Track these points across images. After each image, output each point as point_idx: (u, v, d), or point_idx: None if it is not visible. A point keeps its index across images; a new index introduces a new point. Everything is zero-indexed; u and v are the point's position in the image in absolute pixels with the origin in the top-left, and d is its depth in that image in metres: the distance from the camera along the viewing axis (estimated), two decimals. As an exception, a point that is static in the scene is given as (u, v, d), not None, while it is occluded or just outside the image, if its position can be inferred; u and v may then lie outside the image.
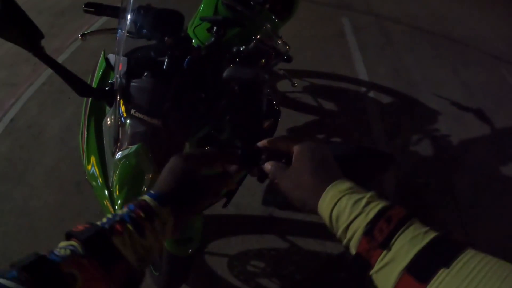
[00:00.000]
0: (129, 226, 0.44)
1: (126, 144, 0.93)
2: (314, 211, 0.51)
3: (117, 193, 0.90)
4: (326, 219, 0.48)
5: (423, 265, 0.36)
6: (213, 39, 1.12)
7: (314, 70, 3.26)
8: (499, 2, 5.17)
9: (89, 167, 1.01)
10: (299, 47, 3.49)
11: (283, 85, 3.02)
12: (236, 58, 1.12)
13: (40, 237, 1.96)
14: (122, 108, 0.94)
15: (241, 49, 1.11)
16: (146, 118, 0.90)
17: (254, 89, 0.72)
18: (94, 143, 1.03)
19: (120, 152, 0.93)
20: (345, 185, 0.48)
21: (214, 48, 1.09)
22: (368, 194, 0.45)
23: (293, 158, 0.54)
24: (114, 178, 0.92)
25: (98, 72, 1.17)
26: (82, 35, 1.19)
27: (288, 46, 1.38)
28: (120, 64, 0.95)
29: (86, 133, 1.05)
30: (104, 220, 0.45)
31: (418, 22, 4.40)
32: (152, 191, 0.50)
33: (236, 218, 2.05)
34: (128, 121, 0.94)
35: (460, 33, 4.25)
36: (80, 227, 0.43)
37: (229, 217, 2.05)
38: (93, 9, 1.16)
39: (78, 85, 0.91)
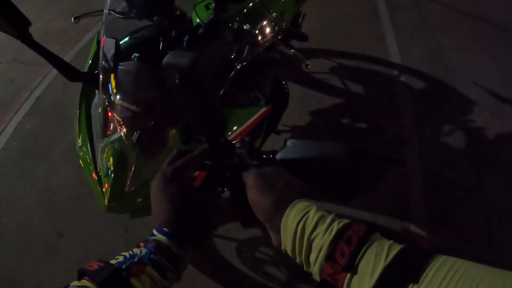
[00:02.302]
0: (150, 268, 0.43)
1: (111, 129, 0.90)
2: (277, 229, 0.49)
3: (104, 175, 0.89)
4: (289, 236, 0.45)
5: (390, 284, 0.34)
6: (211, 16, 1.05)
7: (343, 50, 3.08)
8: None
9: (81, 154, 0.99)
10: (328, 25, 3.34)
11: (311, 66, 2.89)
12: (238, 36, 1.04)
13: (59, 211, 2.02)
14: (111, 91, 0.90)
15: (244, 27, 1.03)
16: (125, 104, 0.86)
17: (194, 77, 0.64)
18: (84, 128, 1.01)
19: (105, 138, 0.91)
20: (306, 203, 0.47)
21: (212, 26, 1.02)
22: (332, 215, 0.44)
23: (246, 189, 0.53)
24: (101, 162, 0.90)
25: (91, 55, 1.14)
26: (75, 18, 1.18)
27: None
28: (107, 46, 0.91)
29: (78, 117, 1.04)
30: (120, 259, 0.44)
31: (458, 3, 4.03)
32: (166, 229, 0.49)
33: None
34: (113, 106, 0.90)
35: (504, 17, 3.84)
36: (94, 266, 0.42)
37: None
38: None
39: (66, 70, 0.90)
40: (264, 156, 0.63)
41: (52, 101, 2.72)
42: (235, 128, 0.94)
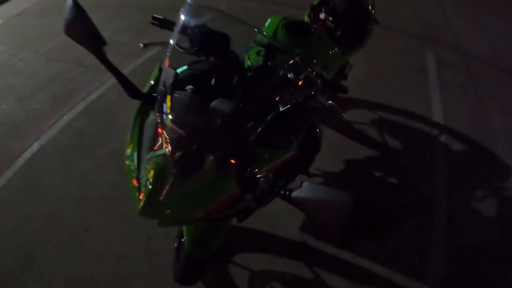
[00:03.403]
0: None
1: (158, 145, 1.02)
2: None
3: (144, 185, 0.99)
4: None
5: None
6: (261, 62, 1.18)
7: (386, 103, 3.12)
8: None
9: (128, 161, 1.11)
10: (376, 78, 3.40)
11: (351, 115, 2.95)
12: (280, 83, 1.14)
13: (90, 207, 2.16)
14: (168, 110, 1.01)
15: (288, 76, 1.12)
16: (175, 127, 0.97)
17: (232, 122, 0.77)
18: (135, 140, 1.13)
19: (152, 152, 1.02)
20: None
21: (260, 71, 1.13)
22: None
23: None
24: (143, 171, 1.01)
25: (152, 78, 1.28)
26: (144, 44, 1.33)
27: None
28: (167, 75, 1.03)
29: (132, 129, 1.17)
30: None
31: (508, 66, 3.97)
32: None
33: (270, 237, 2.03)
34: (164, 126, 1.01)
35: None
36: None
37: (263, 233, 2.04)
38: (158, 23, 1.31)
39: (130, 88, 1.06)
40: (282, 193, 0.72)
41: (105, 106, 2.94)
42: (263, 166, 1.01)
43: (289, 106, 1.08)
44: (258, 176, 0.77)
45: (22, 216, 2.14)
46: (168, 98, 1.02)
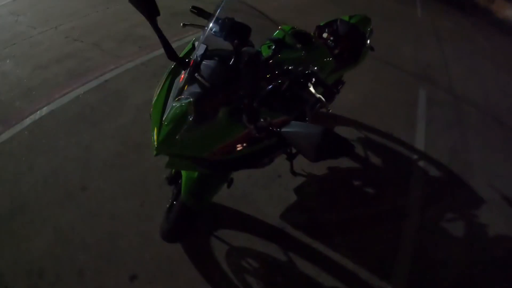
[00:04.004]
0: None
1: (184, 96, 1.25)
2: None
3: (165, 124, 1.22)
4: None
5: None
6: (270, 54, 1.52)
7: (374, 126, 3.36)
8: None
9: (154, 105, 1.36)
10: (368, 103, 3.67)
11: (339, 130, 3.17)
12: (284, 70, 1.47)
13: (90, 171, 2.31)
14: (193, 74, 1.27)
15: (289, 68, 1.47)
16: (202, 80, 1.25)
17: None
18: (164, 91, 1.38)
19: (178, 101, 1.25)
20: None
21: (268, 59, 1.48)
22: None
23: None
24: (167, 114, 1.24)
25: (186, 49, 1.57)
26: (184, 24, 1.67)
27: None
28: (199, 48, 1.35)
29: (162, 83, 1.43)
30: None
31: (496, 111, 4.29)
32: None
33: (252, 220, 2.21)
34: (192, 81, 1.28)
35: None
36: None
37: (246, 216, 2.21)
38: (196, 11, 1.67)
39: (170, 51, 1.33)
40: (275, 129, 0.98)
41: (118, 87, 3.14)
42: (268, 118, 1.27)
43: (285, 87, 1.40)
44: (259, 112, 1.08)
45: (21, 169, 2.29)
46: (198, 64, 1.30)
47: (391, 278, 2.09)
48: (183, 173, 1.50)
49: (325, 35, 2.52)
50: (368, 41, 2.62)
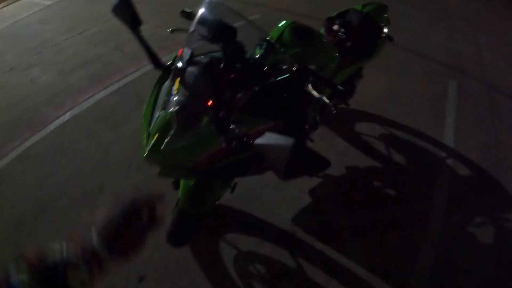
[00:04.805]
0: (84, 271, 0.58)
1: (169, 106, 1.26)
2: None
3: (152, 134, 1.24)
4: None
5: None
6: (262, 53, 1.44)
7: (399, 121, 3.19)
8: None
9: (144, 114, 1.39)
10: (394, 97, 3.48)
11: (361, 127, 3.05)
12: (276, 71, 1.37)
13: (109, 172, 2.40)
14: (177, 83, 1.25)
15: (283, 67, 1.36)
16: (183, 88, 1.23)
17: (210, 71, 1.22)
18: (152, 100, 1.41)
19: (164, 110, 1.27)
20: None
21: (261, 60, 1.40)
22: None
23: None
24: (153, 124, 1.26)
25: (174, 57, 1.52)
26: (171, 30, 1.65)
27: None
28: (183, 52, 1.32)
29: (152, 91, 1.46)
30: (57, 256, 0.55)
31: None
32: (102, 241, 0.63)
33: (263, 222, 2.18)
34: (175, 91, 1.27)
35: None
36: (34, 259, 0.53)
37: (257, 219, 2.19)
38: (186, 16, 1.64)
39: (155, 61, 1.37)
40: (246, 140, 0.92)
41: (137, 89, 3.22)
42: (246, 127, 1.20)
43: (280, 88, 1.29)
44: (232, 126, 1.04)
45: (46, 171, 2.42)
46: (183, 71, 1.25)
47: (408, 287, 1.98)
48: (181, 179, 1.51)
49: (335, 27, 2.30)
50: (386, 31, 2.42)
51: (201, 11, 1.36)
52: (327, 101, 1.26)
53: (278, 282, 1.91)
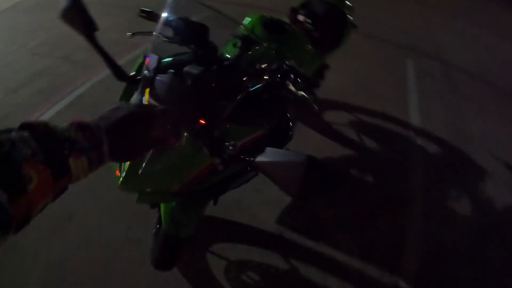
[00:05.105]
0: (86, 159, 0.50)
1: None
2: None
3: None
4: None
5: None
6: (237, 53, 1.29)
7: (365, 106, 3.23)
8: None
9: None
10: (357, 83, 3.52)
11: (330, 116, 3.04)
12: (254, 72, 1.23)
13: (72, 199, 2.18)
14: (146, 95, 1.08)
15: (262, 66, 1.22)
16: (152, 101, 1.04)
17: (201, 84, 0.87)
18: None
19: None
20: None
21: (236, 61, 1.24)
22: None
23: None
24: None
25: (137, 64, 1.36)
26: (132, 33, 1.41)
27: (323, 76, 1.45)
28: (149, 60, 1.12)
29: None
30: (66, 134, 0.48)
31: (488, 75, 4.15)
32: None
33: (247, 228, 2.09)
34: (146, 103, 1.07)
35: None
36: (41, 127, 0.46)
37: (241, 225, 2.09)
38: (145, 15, 1.39)
39: (117, 71, 1.14)
40: (247, 159, 0.78)
41: (93, 100, 2.98)
42: (233, 139, 1.08)
43: (260, 90, 1.16)
44: (226, 143, 0.86)
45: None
46: (151, 81, 1.08)
47: (401, 270, 2.00)
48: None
49: (301, 17, 2.23)
50: (351, 18, 2.39)
51: (166, 9, 1.18)
52: (308, 98, 1.19)
53: (274, 287, 1.84)
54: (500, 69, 4.41)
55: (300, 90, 1.22)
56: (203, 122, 0.94)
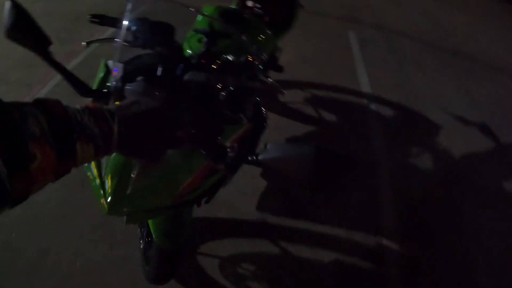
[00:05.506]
0: (92, 145, 0.48)
1: None
2: None
3: (109, 182, 0.96)
4: None
5: None
6: (203, 49, 1.23)
7: (317, 82, 3.32)
8: (507, 11, 5.21)
9: (88, 165, 1.07)
10: (303, 59, 3.59)
11: (285, 96, 3.08)
12: (225, 66, 1.19)
13: (42, 230, 2.04)
14: None
15: (230, 59, 1.18)
16: None
17: (206, 90, 0.84)
18: None
19: None
20: None
21: (203, 57, 1.19)
22: None
23: None
24: (105, 167, 0.99)
25: (99, 76, 1.24)
26: (87, 42, 1.28)
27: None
28: (117, 69, 1.04)
29: None
30: (78, 117, 0.47)
31: (425, 36, 4.44)
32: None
33: (231, 222, 2.10)
34: None
35: (467, 47, 4.28)
36: (56, 107, 0.45)
37: (223, 220, 2.09)
38: (98, 20, 1.26)
39: (80, 87, 1.03)
40: (249, 158, 0.77)
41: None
42: (235, 146, 1.05)
43: (235, 86, 1.14)
44: (225, 147, 0.83)
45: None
46: (120, 92, 1.01)
47: (382, 229, 2.14)
48: None
49: (249, 3, 2.19)
50: None
51: (126, 12, 1.09)
52: (277, 85, 1.20)
53: (272, 272, 1.88)
54: (436, 29, 4.73)
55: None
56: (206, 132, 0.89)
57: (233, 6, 2.21)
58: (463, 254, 2.11)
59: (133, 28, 1.09)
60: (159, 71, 1.06)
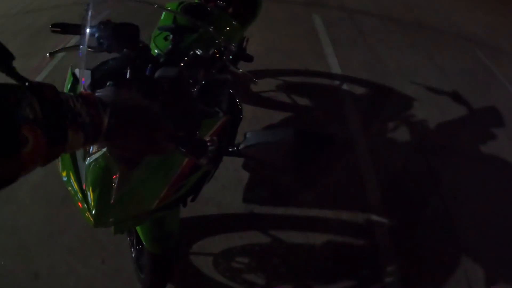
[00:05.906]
0: (83, 135, 0.50)
1: (95, 148, 0.96)
2: None
3: (91, 195, 0.94)
4: None
5: None
6: (170, 46, 1.21)
7: (287, 68, 3.34)
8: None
9: (64, 174, 1.05)
10: (271, 47, 3.59)
11: (258, 85, 3.09)
12: (194, 61, 1.18)
13: (30, 251, 1.99)
14: None
15: (198, 53, 1.17)
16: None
17: (179, 85, 0.84)
18: (68, 155, 1.05)
19: (88, 158, 0.97)
20: None
21: (171, 55, 1.17)
22: None
23: None
24: (86, 180, 0.96)
25: (67, 86, 1.21)
26: (50, 53, 1.25)
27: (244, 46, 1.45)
28: (84, 77, 1.02)
29: None
30: (71, 103, 0.48)
31: (390, 13, 4.52)
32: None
33: (218, 217, 2.11)
34: None
35: (432, 20, 4.39)
36: (49, 95, 0.45)
37: (211, 217, 2.10)
38: (59, 29, 1.23)
39: None
40: (230, 150, 0.78)
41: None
42: (215, 139, 1.05)
43: (207, 79, 1.13)
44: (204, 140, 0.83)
45: None
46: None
47: (369, 205, 2.21)
48: None
49: None
50: None
51: (87, 17, 1.06)
52: (249, 74, 1.21)
53: (267, 262, 1.92)
54: (399, 5, 4.81)
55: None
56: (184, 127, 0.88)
57: (196, 1, 2.19)
58: (448, 217, 2.20)
59: (97, 33, 1.06)
60: (128, 74, 1.05)
